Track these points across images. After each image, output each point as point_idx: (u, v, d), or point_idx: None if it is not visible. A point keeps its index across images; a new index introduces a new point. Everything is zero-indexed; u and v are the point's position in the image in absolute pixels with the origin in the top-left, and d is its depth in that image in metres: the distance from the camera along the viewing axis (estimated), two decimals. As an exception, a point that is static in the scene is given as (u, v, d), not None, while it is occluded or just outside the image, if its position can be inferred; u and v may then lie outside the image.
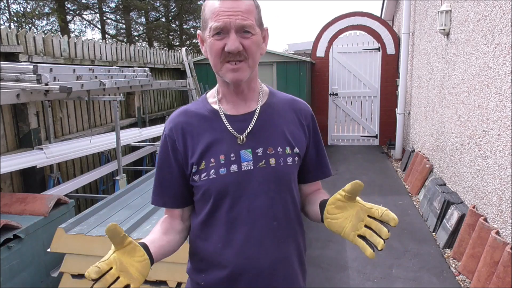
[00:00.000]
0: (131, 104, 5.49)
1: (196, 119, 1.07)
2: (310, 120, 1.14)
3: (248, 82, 1.05)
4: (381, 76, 7.68)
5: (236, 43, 0.95)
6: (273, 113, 1.09)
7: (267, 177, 1.02)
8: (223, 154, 1.02)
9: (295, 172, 1.09)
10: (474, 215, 3.16)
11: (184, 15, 15.70)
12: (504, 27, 2.87)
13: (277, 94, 1.15)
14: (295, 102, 1.15)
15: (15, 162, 2.96)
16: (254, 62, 1.01)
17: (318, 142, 1.16)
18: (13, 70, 2.85)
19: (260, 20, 1.02)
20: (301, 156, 1.09)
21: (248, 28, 0.96)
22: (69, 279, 2.05)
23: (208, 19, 0.97)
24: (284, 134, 1.07)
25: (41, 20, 13.53)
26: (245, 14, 0.96)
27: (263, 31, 1.04)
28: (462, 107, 3.76)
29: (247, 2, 0.98)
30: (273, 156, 1.04)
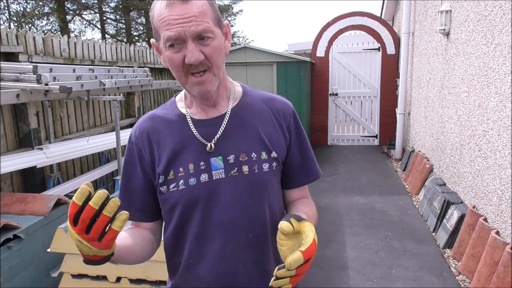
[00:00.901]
0: (131, 104, 5.49)
1: (163, 125, 0.99)
2: (290, 119, 1.03)
3: (217, 89, 0.96)
4: (381, 76, 7.68)
5: (196, 54, 0.85)
6: (246, 115, 0.99)
7: (240, 186, 0.94)
8: (191, 162, 0.94)
9: (273, 179, 0.99)
10: (474, 215, 3.16)
11: (184, 15, 15.69)
12: (504, 27, 2.87)
13: (252, 93, 1.05)
14: (273, 101, 1.04)
15: (15, 162, 2.96)
16: (219, 68, 0.92)
17: (301, 142, 1.04)
18: (13, 70, 2.85)
19: (217, 18, 0.91)
20: (280, 161, 1.00)
21: (206, 33, 0.86)
22: (69, 279, 2.05)
23: (159, 28, 0.87)
24: (259, 137, 0.97)
25: (41, 20, 13.54)
26: (199, 17, 0.85)
27: (223, 28, 0.95)
28: (462, 107, 3.76)
29: (199, 3, 0.86)
30: (246, 163, 0.94)
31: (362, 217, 4.19)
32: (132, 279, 1.99)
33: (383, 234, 3.76)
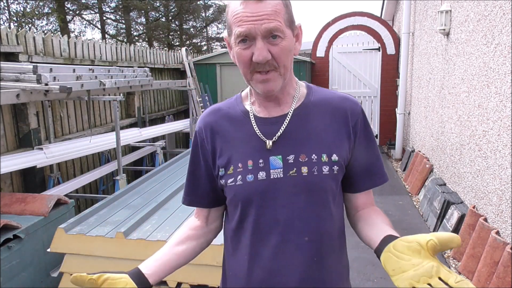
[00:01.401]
0: (131, 104, 5.49)
1: (226, 119, 1.00)
2: (357, 120, 0.97)
3: (282, 88, 0.95)
4: (381, 76, 7.68)
5: (263, 53, 0.86)
6: (309, 115, 0.96)
7: (297, 187, 0.92)
8: (251, 159, 0.94)
9: (333, 183, 0.94)
10: (474, 215, 3.16)
11: (184, 15, 15.69)
12: (504, 27, 2.87)
13: (318, 92, 1.01)
14: (340, 100, 0.99)
15: (15, 162, 2.96)
16: (286, 69, 0.91)
17: (368, 144, 0.99)
18: (13, 70, 2.85)
19: (290, 20, 0.90)
20: (342, 165, 0.95)
21: (276, 31, 0.86)
22: (69, 279, 2.05)
23: (232, 24, 0.88)
24: (320, 139, 0.94)
25: (41, 20, 13.53)
26: (272, 16, 0.85)
27: (295, 30, 0.93)
28: (462, 107, 3.76)
29: (273, 2, 0.86)
30: (305, 164, 0.92)
31: (362, 217, 4.19)
32: (132, 279, 2.00)
33: (383, 234, 3.76)
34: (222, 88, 7.42)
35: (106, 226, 2.13)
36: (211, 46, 17.57)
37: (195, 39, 17.31)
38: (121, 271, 0.87)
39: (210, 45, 17.70)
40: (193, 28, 17.03)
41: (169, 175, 3.13)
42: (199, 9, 16.15)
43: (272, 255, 0.93)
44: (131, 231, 2.05)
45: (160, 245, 1.95)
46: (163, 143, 4.89)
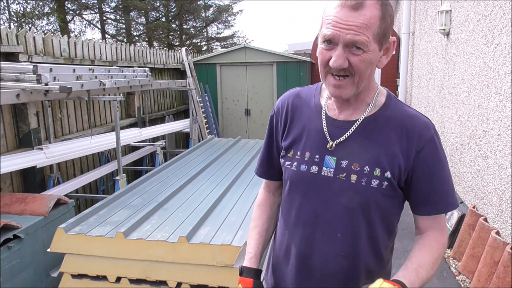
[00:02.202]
0: (131, 104, 5.49)
1: (302, 107, 1.07)
2: (423, 145, 0.95)
3: (356, 95, 0.97)
4: (381, 76, 7.68)
5: (340, 60, 0.88)
6: (375, 129, 0.98)
7: (343, 191, 0.97)
8: (309, 152, 1.01)
9: (380, 197, 0.96)
10: (474, 215, 3.16)
11: (184, 15, 15.69)
12: (504, 27, 2.87)
13: (394, 107, 1.00)
14: (412, 120, 0.97)
15: (15, 162, 2.96)
16: (362, 78, 0.92)
17: (432, 172, 0.96)
18: (13, 70, 2.85)
19: (382, 33, 0.90)
20: (392, 183, 0.96)
21: (360, 44, 0.87)
22: (69, 279, 2.05)
23: (323, 23, 0.91)
24: (378, 154, 0.96)
25: (41, 20, 13.53)
26: (360, 29, 0.86)
27: (386, 44, 0.93)
28: (462, 107, 3.76)
29: (369, 14, 0.86)
30: (356, 173, 0.96)
31: (362, 217, 4.19)
32: (132, 279, 1.99)
33: (383, 234, 3.76)
34: (222, 88, 7.42)
35: (106, 226, 2.13)
36: (211, 46, 17.57)
37: (195, 39, 17.31)
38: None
39: (210, 45, 17.70)
40: (193, 28, 17.03)
41: (169, 175, 3.13)
42: (199, 9, 16.14)
43: (304, 243, 1.03)
44: (131, 231, 2.05)
45: (160, 245, 1.96)
46: (163, 143, 4.89)
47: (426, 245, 1.00)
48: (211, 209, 2.38)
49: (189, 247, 1.92)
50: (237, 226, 2.14)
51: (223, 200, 2.58)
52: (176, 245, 1.93)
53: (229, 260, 1.87)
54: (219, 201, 2.53)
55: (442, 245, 1.01)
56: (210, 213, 2.34)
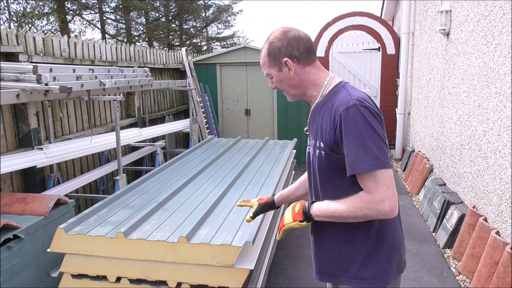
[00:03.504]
0: (131, 104, 5.49)
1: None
2: (338, 120, 1.21)
3: (302, 96, 1.41)
4: (381, 76, 7.68)
5: (271, 86, 1.43)
6: (318, 113, 1.34)
7: (310, 162, 1.39)
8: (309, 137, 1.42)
9: (322, 164, 1.30)
10: (474, 215, 3.16)
11: (184, 15, 15.68)
12: (504, 27, 2.87)
13: (335, 94, 1.30)
14: (335, 102, 1.26)
15: (15, 162, 2.96)
16: (289, 90, 1.39)
17: (345, 140, 1.19)
18: (13, 70, 2.85)
19: (272, 61, 1.35)
20: (327, 151, 1.27)
21: (267, 75, 1.39)
22: (69, 279, 2.05)
23: None
24: (318, 130, 1.30)
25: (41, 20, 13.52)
26: (263, 66, 1.39)
27: (281, 65, 1.34)
28: (462, 107, 3.76)
29: (262, 54, 1.38)
30: (312, 146, 1.35)
31: (362, 217, 4.19)
32: (132, 279, 1.99)
33: (383, 234, 3.76)
34: (222, 88, 7.42)
35: (106, 226, 2.13)
36: (211, 46, 17.56)
37: (195, 39, 17.29)
38: None
39: (210, 45, 17.69)
40: (193, 28, 17.02)
41: (169, 175, 3.13)
42: (199, 9, 16.13)
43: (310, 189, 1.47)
44: (131, 231, 2.05)
45: (160, 245, 1.96)
46: (163, 143, 4.89)
47: (351, 196, 1.22)
48: (211, 209, 2.38)
49: (189, 247, 1.92)
50: (237, 226, 2.14)
51: (223, 200, 2.57)
52: (176, 245, 1.93)
53: (229, 260, 1.87)
54: (219, 201, 2.53)
55: (363, 200, 1.18)
56: (210, 213, 2.34)
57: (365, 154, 1.15)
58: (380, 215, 1.16)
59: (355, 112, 1.18)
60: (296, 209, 1.34)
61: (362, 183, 1.19)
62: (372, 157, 1.15)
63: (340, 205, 1.22)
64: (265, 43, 1.36)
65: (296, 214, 1.33)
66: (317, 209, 1.28)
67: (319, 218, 1.28)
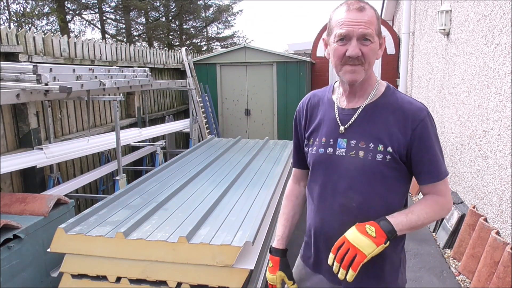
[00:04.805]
0: (131, 104, 5.49)
1: (319, 103, 1.31)
2: (417, 125, 1.15)
3: (362, 82, 1.20)
4: (381, 76, 7.68)
5: (356, 50, 1.12)
6: (376, 112, 1.20)
7: (353, 166, 1.18)
8: (325, 137, 1.24)
9: (385, 169, 1.17)
10: (474, 215, 3.16)
11: (184, 15, 15.68)
12: (504, 27, 2.87)
13: (392, 96, 1.22)
14: (408, 105, 1.19)
15: (15, 162, 2.95)
16: (370, 66, 1.18)
17: (425, 146, 1.16)
18: (13, 70, 2.84)
19: (379, 30, 1.17)
20: (394, 156, 1.16)
21: (368, 36, 1.12)
22: (69, 279, 2.05)
23: (334, 27, 1.15)
24: (380, 133, 1.17)
25: (41, 20, 13.52)
26: (367, 24, 1.12)
27: (381, 39, 1.19)
28: (462, 107, 3.76)
29: (370, 14, 1.14)
30: (363, 149, 1.18)
31: (362, 217, 4.19)
32: (132, 279, 1.99)
33: (383, 234, 3.76)
34: (222, 88, 7.42)
35: (106, 226, 2.13)
36: (211, 46, 17.56)
37: (195, 39, 17.29)
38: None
39: (210, 45, 17.69)
40: (193, 28, 17.01)
41: (169, 175, 3.13)
42: (199, 9, 16.13)
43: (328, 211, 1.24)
44: (131, 231, 2.05)
45: (160, 245, 1.96)
46: (163, 143, 4.89)
47: (423, 200, 1.21)
48: (211, 209, 2.38)
49: (189, 247, 1.92)
50: (237, 226, 2.14)
51: (223, 200, 2.57)
52: (176, 245, 1.93)
53: (229, 260, 1.87)
54: (219, 201, 2.53)
55: (438, 203, 1.20)
56: (210, 213, 2.34)
57: (442, 161, 1.20)
58: (447, 214, 1.25)
59: (432, 121, 1.19)
60: (371, 232, 1.09)
61: (434, 188, 1.20)
62: (444, 163, 1.22)
63: (420, 213, 1.16)
64: (366, 4, 1.16)
65: (376, 237, 1.08)
66: (399, 224, 1.12)
67: (401, 233, 1.13)
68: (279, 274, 1.34)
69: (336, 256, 1.11)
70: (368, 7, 1.15)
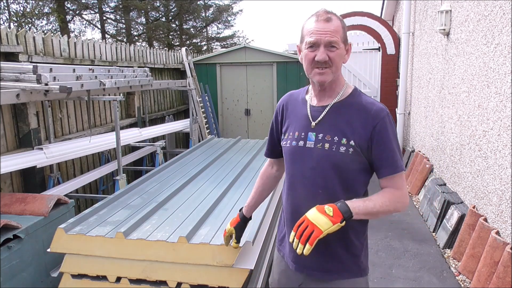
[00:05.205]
0: (131, 104, 5.49)
1: (294, 102, 1.48)
2: (377, 122, 1.31)
3: (330, 83, 1.35)
4: (381, 76, 7.68)
5: (323, 55, 1.28)
6: (342, 110, 1.35)
7: (320, 156, 1.34)
8: (298, 131, 1.40)
9: (347, 160, 1.31)
10: (474, 215, 3.16)
11: (184, 15, 15.68)
12: (504, 27, 2.87)
13: (358, 97, 1.38)
14: (370, 105, 1.34)
15: (15, 162, 2.96)
16: (337, 69, 1.32)
17: (383, 142, 1.31)
18: (13, 70, 2.85)
19: (345, 38, 1.33)
20: (356, 149, 1.30)
21: (334, 43, 1.28)
22: (69, 279, 2.05)
23: (305, 35, 1.32)
24: (344, 127, 1.32)
25: (41, 20, 13.52)
26: (333, 33, 1.28)
27: (347, 46, 1.35)
28: (462, 107, 3.76)
29: (336, 24, 1.29)
30: (328, 142, 1.33)
31: (362, 217, 4.19)
32: (132, 279, 1.99)
33: (383, 234, 3.76)
34: (222, 88, 7.42)
35: (106, 226, 2.13)
36: (211, 46, 17.56)
37: (195, 39, 17.29)
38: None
39: (210, 45, 17.69)
40: (193, 28, 17.01)
41: (169, 175, 3.13)
42: (199, 9, 16.13)
43: (298, 197, 1.41)
44: (131, 231, 2.05)
45: (160, 245, 1.96)
46: (163, 143, 4.89)
47: (381, 192, 1.34)
48: (211, 209, 2.38)
49: (189, 247, 1.92)
50: (237, 226, 2.13)
51: (223, 200, 2.57)
52: (176, 245, 1.93)
53: (229, 260, 1.87)
54: (219, 201, 2.53)
55: (395, 196, 1.32)
56: (210, 213, 2.34)
57: (399, 157, 1.35)
58: (404, 208, 1.35)
59: (391, 120, 1.34)
60: (329, 212, 1.21)
61: (390, 181, 1.34)
62: (401, 160, 1.36)
63: (376, 201, 1.29)
64: (333, 15, 1.31)
65: (333, 216, 1.21)
66: (356, 207, 1.24)
67: (357, 217, 1.25)
68: (232, 229, 1.65)
69: (296, 233, 1.22)
70: (335, 18, 1.30)
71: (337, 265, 1.38)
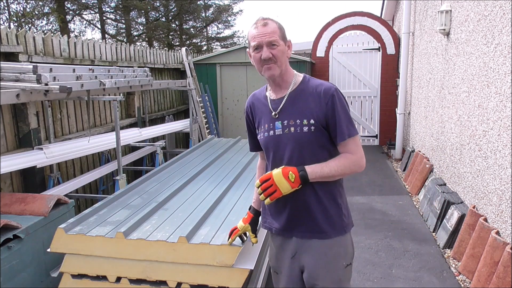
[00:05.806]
0: (131, 104, 5.49)
1: (258, 100, 1.69)
2: (328, 98, 1.53)
3: (281, 76, 1.58)
4: (381, 76, 7.68)
5: (267, 53, 1.51)
6: (298, 96, 1.58)
7: (289, 139, 1.55)
8: (266, 124, 1.62)
9: (311, 137, 1.53)
10: (474, 215, 3.16)
11: (184, 15, 15.69)
12: (504, 27, 2.87)
13: (308, 82, 1.60)
14: (320, 86, 1.56)
15: (15, 162, 2.96)
16: (281, 63, 1.54)
17: (334, 114, 1.52)
18: (13, 70, 2.85)
19: (283, 36, 1.55)
20: (317, 125, 1.52)
21: (274, 42, 1.51)
22: (69, 279, 2.05)
23: (250, 41, 1.55)
24: (303, 110, 1.54)
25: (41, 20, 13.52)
26: (271, 34, 1.51)
27: (287, 42, 1.58)
28: (462, 107, 3.76)
29: (272, 26, 1.53)
30: (293, 126, 1.55)
31: (362, 217, 4.19)
32: (132, 279, 1.99)
33: (383, 234, 3.76)
34: (222, 88, 7.42)
35: (106, 226, 2.13)
36: (211, 46, 17.56)
37: (195, 39, 17.29)
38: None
39: (210, 45, 17.69)
40: (193, 28, 17.02)
41: (169, 175, 3.13)
42: (199, 9, 16.13)
43: None
44: (131, 231, 2.05)
45: (160, 245, 1.96)
46: (163, 143, 4.89)
47: (337, 157, 1.56)
48: (211, 209, 2.38)
49: (189, 247, 1.92)
50: (237, 226, 2.13)
51: (223, 200, 2.57)
52: (176, 245, 1.93)
53: (229, 260, 1.87)
54: (219, 201, 2.53)
55: (350, 159, 1.54)
56: (210, 213, 2.34)
57: (351, 124, 1.55)
58: (360, 169, 1.56)
59: (340, 94, 1.56)
60: (292, 178, 1.48)
61: (345, 147, 1.54)
62: (354, 126, 1.57)
63: (332, 166, 1.52)
64: (269, 20, 1.54)
65: (294, 182, 1.48)
66: (314, 173, 1.49)
67: (314, 180, 1.50)
68: (247, 226, 1.77)
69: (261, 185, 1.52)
70: (271, 22, 1.53)
71: (323, 225, 1.57)
